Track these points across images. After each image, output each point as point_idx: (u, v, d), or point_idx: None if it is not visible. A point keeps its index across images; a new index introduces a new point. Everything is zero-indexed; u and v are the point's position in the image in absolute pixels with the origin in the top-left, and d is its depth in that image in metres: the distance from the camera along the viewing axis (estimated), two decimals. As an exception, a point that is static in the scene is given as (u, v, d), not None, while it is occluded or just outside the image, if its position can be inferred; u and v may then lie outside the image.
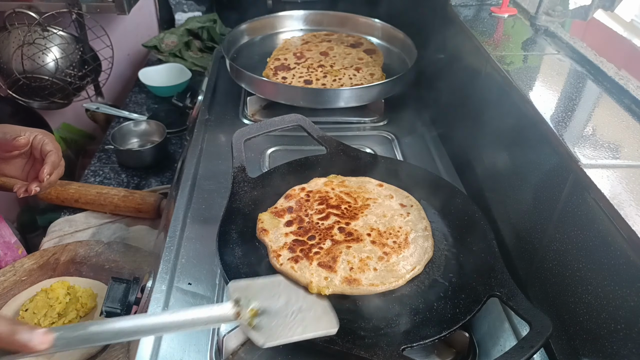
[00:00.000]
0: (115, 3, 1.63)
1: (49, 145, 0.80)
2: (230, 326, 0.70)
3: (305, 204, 0.84)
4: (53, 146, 0.81)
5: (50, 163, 0.80)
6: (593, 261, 0.63)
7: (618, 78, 0.80)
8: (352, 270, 0.71)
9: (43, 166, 0.79)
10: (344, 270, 0.71)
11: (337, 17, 1.48)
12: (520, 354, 0.57)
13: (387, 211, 0.82)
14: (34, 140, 0.81)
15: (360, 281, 0.70)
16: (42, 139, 0.81)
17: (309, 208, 0.83)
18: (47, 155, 0.80)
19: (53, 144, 0.81)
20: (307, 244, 0.76)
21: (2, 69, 1.60)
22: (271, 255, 0.74)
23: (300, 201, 0.84)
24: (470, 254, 0.75)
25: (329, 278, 0.70)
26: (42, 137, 0.81)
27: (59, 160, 0.81)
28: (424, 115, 1.24)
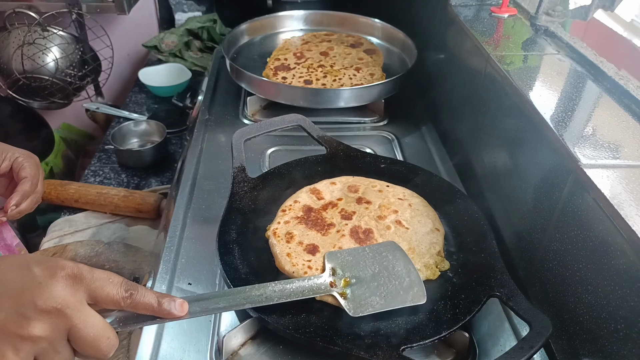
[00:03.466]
0: (115, 3, 1.63)
1: (25, 171, 0.76)
2: (231, 326, 0.70)
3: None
4: (30, 172, 0.76)
5: (20, 192, 0.75)
6: (593, 261, 0.63)
7: (618, 78, 0.80)
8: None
9: (12, 195, 0.75)
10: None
11: (337, 17, 1.48)
12: (520, 354, 0.57)
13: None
14: (14, 163, 0.76)
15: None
16: (22, 163, 0.76)
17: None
18: (21, 182, 0.75)
19: (31, 170, 0.76)
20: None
21: (2, 69, 1.60)
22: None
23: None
24: (470, 254, 0.75)
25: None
26: (22, 160, 0.76)
27: (31, 188, 0.76)
28: (424, 116, 1.24)
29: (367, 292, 0.66)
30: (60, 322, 0.46)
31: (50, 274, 0.46)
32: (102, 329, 0.48)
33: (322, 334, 0.63)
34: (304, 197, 0.84)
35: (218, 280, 0.78)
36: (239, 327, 0.67)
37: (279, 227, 0.78)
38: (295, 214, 0.81)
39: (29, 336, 0.44)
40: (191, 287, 0.77)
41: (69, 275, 0.47)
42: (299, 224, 0.78)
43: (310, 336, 0.63)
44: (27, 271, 0.46)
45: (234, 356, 0.67)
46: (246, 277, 0.71)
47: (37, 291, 0.45)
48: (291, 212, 0.81)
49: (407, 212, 0.81)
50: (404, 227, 0.78)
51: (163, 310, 0.51)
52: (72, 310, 0.46)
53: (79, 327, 0.46)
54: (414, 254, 0.74)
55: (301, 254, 0.73)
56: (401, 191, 0.86)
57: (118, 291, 0.49)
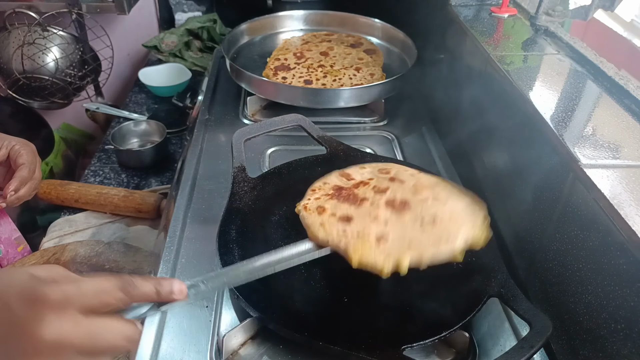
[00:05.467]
0: (115, 3, 1.63)
1: (22, 158, 0.76)
2: (231, 326, 0.70)
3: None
4: (27, 159, 0.76)
5: (18, 178, 0.75)
6: (593, 261, 0.63)
7: (618, 78, 0.80)
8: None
9: (10, 181, 0.75)
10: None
11: (337, 17, 1.48)
12: (520, 354, 0.57)
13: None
14: (10, 151, 0.77)
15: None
16: (18, 150, 0.77)
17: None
18: (18, 169, 0.76)
19: (28, 157, 0.77)
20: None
21: (2, 69, 1.60)
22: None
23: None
24: (470, 254, 0.75)
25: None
26: (19, 148, 0.77)
27: (29, 174, 0.76)
28: (424, 116, 1.24)
29: None
30: (64, 353, 0.42)
31: (31, 310, 0.41)
32: (109, 328, 0.44)
33: (322, 334, 0.63)
34: (333, 179, 0.80)
35: (218, 280, 0.78)
36: (239, 327, 0.67)
37: (309, 202, 0.73)
38: (326, 192, 0.76)
39: None
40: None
41: (54, 305, 0.41)
42: (331, 199, 0.73)
43: (310, 336, 0.63)
44: (6, 311, 0.41)
45: (234, 356, 0.67)
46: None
47: (23, 338, 0.40)
48: (321, 191, 0.76)
49: (443, 191, 0.73)
50: (441, 201, 0.70)
51: (162, 297, 0.49)
52: (69, 338, 0.41)
53: (84, 343, 0.42)
54: (456, 223, 0.66)
55: (335, 224, 0.68)
56: (434, 178, 0.77)
57: (114, 296, 0.45)
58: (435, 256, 0.63)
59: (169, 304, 0.50)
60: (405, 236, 0.65)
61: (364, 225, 0.67)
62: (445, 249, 0.63)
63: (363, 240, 0.64)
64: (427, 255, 0.62)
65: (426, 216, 0.67)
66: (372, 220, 0.67)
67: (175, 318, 0.72)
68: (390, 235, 0.65)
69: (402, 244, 0.64)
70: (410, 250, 0.63)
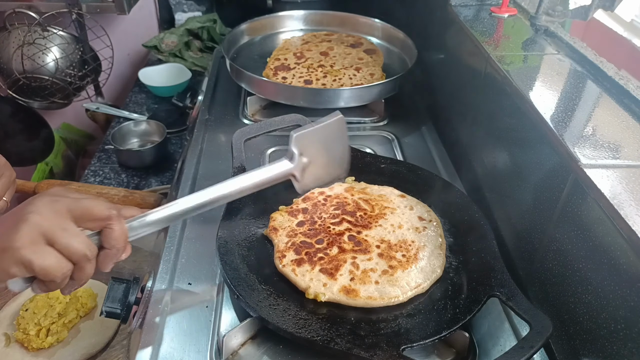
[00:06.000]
0: (115, 3, 1.63)
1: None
2: (231, 326, 0.70)
3: (321, 207, 0.83)
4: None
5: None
6: (593, 261, 0.63)
7: (618, 78, 0.80)
8: (353, 280, 0.70)
9: None
10: (344, 279, 0.70)
11: (337, 17, 1.48)
12: (520, 354, 0.57)
13: (404, 222, 0.80)
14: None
15: (358, 292, 0.69)
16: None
17: (324, 212, 0.82)
18: None
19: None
20: (313, 247, 0.76)
21: (2, 69, 1.60)
22: (276, 255, 0.75)
23: (317, 204, 0.84)
24: (470, 254, 0.75)
25: (327, 285, 0.70)
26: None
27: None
28: (424, 116, 1.24)
29: (313, 171, 0.72)
30: (56, 204, 0.52)
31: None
32: (95, 201, 0.55)
33: (322, 334, 0.63)
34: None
35: (218, 280, 0.78)
36: (239, 327, 0.67)
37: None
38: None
39: (27, 218, 0.51)
40: (191, 287, 0.77)
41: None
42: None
43: (310, 336, 0.63)
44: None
45: (234, 356, 0.67)
46: (246, 277, 0.71)
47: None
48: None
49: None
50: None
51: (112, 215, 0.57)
52: (64, 196, 0.54)
53: (74, 204, 0.53)
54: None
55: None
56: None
57: (109, 211, 0.55)
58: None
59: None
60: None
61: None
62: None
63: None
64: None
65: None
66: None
67: (175, 318, 0.72)
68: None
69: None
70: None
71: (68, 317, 0.96)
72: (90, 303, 1.00)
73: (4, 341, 0.95)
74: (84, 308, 0.99)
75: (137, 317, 0.74)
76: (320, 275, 0.71)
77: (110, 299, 0.73)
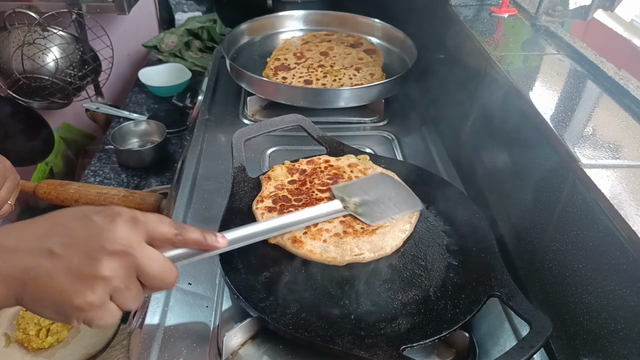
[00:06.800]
0: (115, 3, 1.63)
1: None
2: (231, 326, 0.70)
3: (318, 174, 0.88)
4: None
5: None
6: (593, 261, 0.63)
7: (618, 78, 0.80)
8: (305, 234, 0.75)
9: None
10: (299, 231, 0.75)
11: (337, 17, 1.48)
12: (520, 354, 0.57)
13: None
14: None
15: (304, 244, 0.73)
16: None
17: (318, 178, 0.87)
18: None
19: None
20: (290, 202, 0.82)
21: (2, 69, 1.60)
22: (257, 197, 0.83)
23: (316, 170, 0.89)
24: (470, 254, 0.75)
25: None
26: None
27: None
28: (424, 115, 1.24)
29: (375, 207, 0.79)
30: (127, 261, 0.50)
31: (110, 220, 0.50)
32: (164, 263, 0.53)
33: (322, 334, 0.63)
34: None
35: (218, 280, 0.78)
36: (239, 327, 0.67)
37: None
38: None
39: (102, 276, 0.48)
40: (191, 287, 0.77)
41: (127, 220, 0.51)
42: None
43: (310, 336, 0.63)
44: (88, 220, 0.50)
45: (234, 356, 0.67)
46: (246, 277, 0.71)
47: (103, 236, 0.49)
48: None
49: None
50: None
51: (208, 244, 0.59)
52: (136, 250, 0.50)
53: (144, 263, 0.51)
54: None
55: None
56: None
57: (170, 230, 0.54)
58: None
59: (207, 253, 0.60)
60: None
61: None
62: None
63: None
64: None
65: None
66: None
67: (175, 318, 0.72)
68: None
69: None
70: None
71: (68, 317, 0.96)
72: (90, 303, 1.00)
73: (4, 341, 0.95)
74: (84, 308, 0.99)
75: (137, 317, 0.75)
76: None
77: (110, 299, 0.73)
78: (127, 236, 0.50)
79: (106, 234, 0.49)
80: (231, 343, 0.67)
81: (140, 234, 0.52)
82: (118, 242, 0.49)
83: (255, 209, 0.81)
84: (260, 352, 0.67)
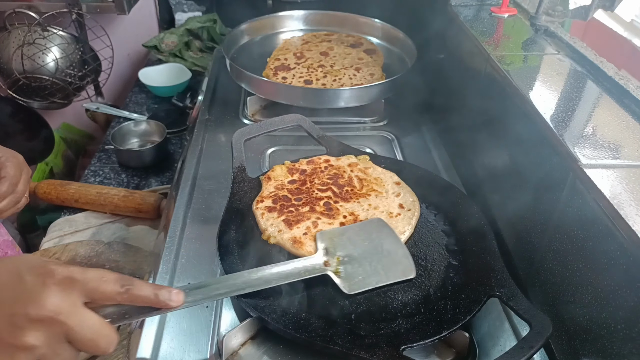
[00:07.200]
0: (115, 3, 1.63)
1: (4, 171, 0.76)
2: (231, 326, 0.70)
3: (318, 174, 0.88)
4: (9, 172, 0.76)
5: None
6: (593, 261, 0.63)
7: (618, 78, 0.80)
8: (305, 235, 0.75)
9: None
10: (299, 231, 0.75)
11: (337, 17, 1.48)
12: (520, 354, 0.57)
13: (382, 206, 0.82)
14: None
15: (304, 245, 0.73)
16: (3, 163, 0.76)
17: (318, 178, 0.88)
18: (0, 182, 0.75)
19: (11, 170, 0.76)
20: (290, 202, 0.82)
21: (2, 69, 1.60)
22: (257, 197, 0.83)
23: (316, 169, 0.89)
24: (470, 254, 0.75)
25: (282, 231, 0.76)
26: (4, 160, 0.76)
27: (9, 189, 0.76)
28: (424, 115, 1.24)
29: (359, 269, 0.69)
30: (55, 329, 0.46)
31: (41, 282, 0.46)
32: (99, 328, 0.48)
33: (322, 334, 0.63)
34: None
35: (218, 280, 0.78)
36: (239, 327, 0.67)
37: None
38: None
39: (24, 346, 0.45)
40: (191, 287, 0.77)
41: (60, 282, 0.47)
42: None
43: (310, 336, 0.63)
44: (17, 279, 0.46)
45: (234, 356, 0.67)
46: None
47: (29, 301, 0.45)
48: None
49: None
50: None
51: (160, 301, 0.52)
52: (66, 316, 0.46)
53: (75, 330, 0.46)
54: None
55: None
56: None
57: (113, 288, 0.49)
58: None
59: (160, 311, 0.53)
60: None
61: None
62: None
63: None
64: None
65: None
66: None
67: (175, 318, 0.72)
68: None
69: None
70: None
71: (68, 317, 0.96)
72: (90, 303, 1.00)
73: (4, 341, 0.95)
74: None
75: (137, 317, 0.74)
76: (281, 223, 0.77)
77: (111, 299, 0.73)
78: (57, 301, 0.46)
79: (34, 299, 0.45)
80: (231, 343, 0.67)
81: (76, 296, 0.47)
82: (45, 309, 0.45)
83: (255, 209, 0.81)
84: (260, 352, 0.67)
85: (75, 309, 0.47)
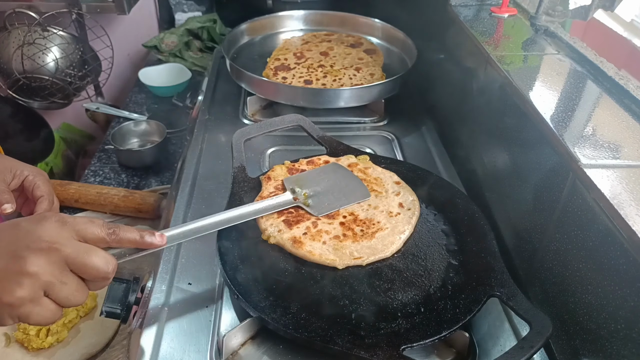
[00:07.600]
0: (115, 3, 1.63)
1: (39, 190, 0.77)
2: (231, 326, 0.70)
3: None
4: (45, 190, 0.78)
5: (40, 212, 0.76)
6: (593, 261, 0.63)
7: (618, 78, 0.80)
8: (305, 235, 0.75)
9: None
10: (299, 231, 0.76)
11: (337, 17, 1.48)
12: (520, 354, 0.57)
13: (381, 205, 0.82)
14: (25, 181, 0.77)
15: (303, 245, 0.73)
16: (33, 181, 0.77)
17: None
18: (38, 202, 0.77)
19: (44, 188, 0.78)
20: None
21: (2, 69, 1.60)
22: (257, 198, 0.83)
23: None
24: (470, 254, 0.75)
25: (282, 231, 0.76)
26: (33, 178, 0.78)
27: (49, 206, 0.78)
28: (424, 115, 1.24)
29: (324, 199, 0.81)
30: (54, 256, 0.51)
31: (36, 223, 0.53)
32: (96, 251, 0.54)
33: (322, 334, 0.63)
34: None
35: (218, 280, 0.78)
36: (239, 327, 0.67)
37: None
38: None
39: (28, 272, 0.50)
40: (191, 287, 0.77)
41: (54, 221, 0.53)
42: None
43: (310, 336, 0.63)
44: (15, 226, 0.53)
45: (234, 356, 0.67)
46: (246, 277, 0.71)
47: (28, 237, 0.51)
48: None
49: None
50: None
51: (145, 242, 0.60)
52: (62, 244, 0.52)
53: (72, 256, 0.52)
54: None
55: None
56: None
57: (101, 230, 0.55)
58: None
59: (146, 250, 0.61)
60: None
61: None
62: None
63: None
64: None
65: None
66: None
67: (175, 318, 0.72)
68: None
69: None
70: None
71: (68, 317, 0.96)
72: (90, 303, 1.00)
73: (4, 341, 0.95)
74: (83, 308, 0.99)
75: (137, 317, 0.74)
76: (281, 224, 0.77)
77: (110, 299, 0.73)
78: (52, 234, 0.52)
79: (31, 235, 0.51)
80: (231, 343, 0.67)
81: (68, 232, 0.53)
82: (43, 240, 0.51)
83: None
84: (260, 352, 0.67)
85: (69, 240, 0.53)
